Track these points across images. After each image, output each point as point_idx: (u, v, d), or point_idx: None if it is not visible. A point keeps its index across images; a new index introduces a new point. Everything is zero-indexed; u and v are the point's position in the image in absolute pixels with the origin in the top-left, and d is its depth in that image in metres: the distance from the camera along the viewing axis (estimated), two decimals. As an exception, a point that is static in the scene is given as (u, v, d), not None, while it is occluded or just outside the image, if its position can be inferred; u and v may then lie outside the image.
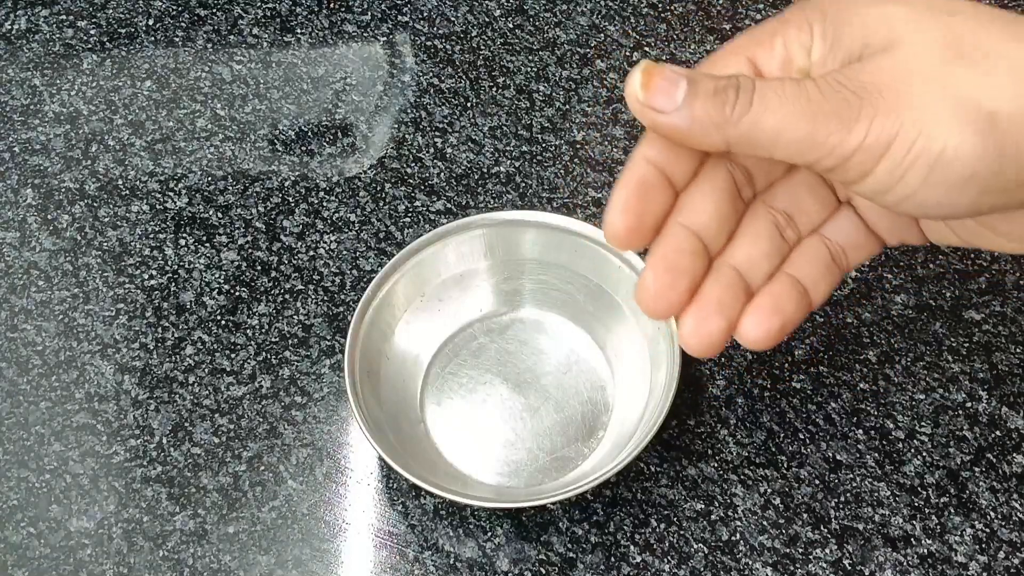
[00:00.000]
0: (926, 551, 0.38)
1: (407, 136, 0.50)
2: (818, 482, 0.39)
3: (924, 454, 0.40)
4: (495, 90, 0.51)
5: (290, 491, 0.40)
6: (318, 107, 0.51)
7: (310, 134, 0.50)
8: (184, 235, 0.46)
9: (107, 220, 0.47)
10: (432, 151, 0.49)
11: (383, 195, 0.48)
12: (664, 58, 0.52)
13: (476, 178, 0.48)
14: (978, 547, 0.38)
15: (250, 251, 0.46)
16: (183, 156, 0.49)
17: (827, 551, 0.38)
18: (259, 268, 0.45)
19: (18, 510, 0.39)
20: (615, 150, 0.49)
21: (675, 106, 0.28)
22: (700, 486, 0.39)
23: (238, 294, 0.45)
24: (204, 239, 0.46)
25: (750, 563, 0.38)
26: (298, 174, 0.48)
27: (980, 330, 0.43)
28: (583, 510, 0.39)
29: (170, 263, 0.46)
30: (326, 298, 0.44)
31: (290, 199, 0.48)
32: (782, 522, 0.39)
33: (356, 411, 0.37)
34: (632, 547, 0.38)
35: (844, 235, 0.34)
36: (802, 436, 0.40)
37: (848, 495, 0.39)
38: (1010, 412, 0.41)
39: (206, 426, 0.41)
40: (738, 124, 0.28)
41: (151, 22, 0.54)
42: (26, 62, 0.53)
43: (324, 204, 0.47)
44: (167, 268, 0.45)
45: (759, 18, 0.53)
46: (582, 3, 0.54)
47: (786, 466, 0.40)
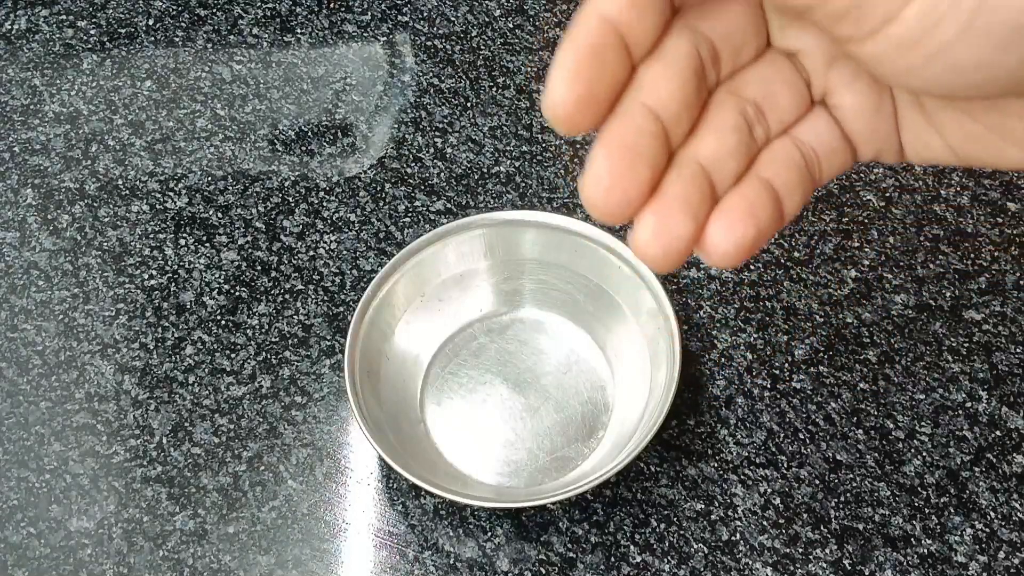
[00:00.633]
0: (926, 551, 0.38)
1: (407, 136, 0.50)
2: (818, 482, 0.39)
3: (924, 454, 0.40)
4: (495, 90, 0.51)
5: (290, 491, 0.40)
6: (318, 107, 0.51)
7: (310, 134, 0.50)
8: (184, 235, 0.46)
9: (107, 220, 0.47)
10: (432, 151, 0.49)
11: (383, 195, 0.48)
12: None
13: (476, 178, 0.48)
14: (978, 547, 0.38)
15: (250, 251, 0.46)
16: (183, 156, 0.49)
17: (827, 551, 0.38)
18: (259, 268, 0.45)
19: (18, 510, 0.39)
20: (615, 150, 0.49)
21: None
22: (700, 486, 0.39)
23: (238, 294, 0.45)
24: (204, 239, 0.46)
25: (750, 563, 0.38)
26: (298, 174, 0.48)
27: (980, 330, 0.43)
28: (583, 510, 0.39)
29: (170, 263, 0.46)
30: (326, 298, 0.44)
31: (290, 199, 0.48)
32: (782, 522, 0.39)
33: (356, 411, 0.37)
34: (632, 547, 0.38)
35: (817, 139, 0.28)
36: (802, 436, 0.40)
37: (848, 495, 0.39)
38: (1010, 412, 0.41)
39: (206, 426, 0.41)
40: None
41: (151, 22, 0.54)
42: (26, 62, 0.53)
43: (324, 204, 0.47)
44: (167, 268, 0.45)
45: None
46: (582, 3, 0.54)
47: (786, 466, 0.40)
